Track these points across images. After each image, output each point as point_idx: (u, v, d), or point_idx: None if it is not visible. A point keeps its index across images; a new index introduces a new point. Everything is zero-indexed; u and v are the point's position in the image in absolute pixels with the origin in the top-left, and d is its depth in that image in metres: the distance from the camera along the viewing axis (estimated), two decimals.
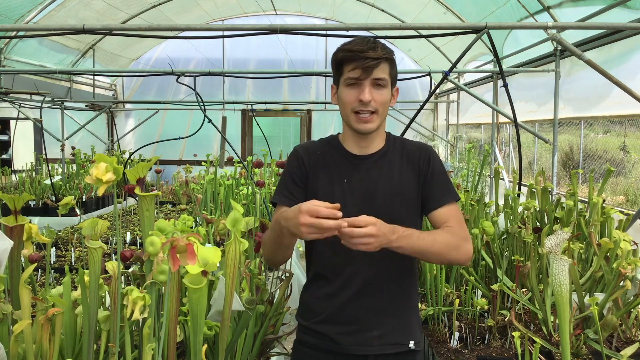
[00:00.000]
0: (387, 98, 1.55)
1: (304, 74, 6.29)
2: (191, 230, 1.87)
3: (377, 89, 1.52)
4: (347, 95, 1.54)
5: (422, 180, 1.60)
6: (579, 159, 6.74)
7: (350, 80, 1.52)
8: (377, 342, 1.56)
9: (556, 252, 1.39)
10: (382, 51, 1.51)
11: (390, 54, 1.54)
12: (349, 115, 1.55)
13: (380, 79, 1.51)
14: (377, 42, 1.53)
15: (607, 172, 2.92)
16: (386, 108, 1.57)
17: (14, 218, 1.57)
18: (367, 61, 1.48)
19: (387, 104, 1.56)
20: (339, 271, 1.57)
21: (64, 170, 7.25)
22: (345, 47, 1.53)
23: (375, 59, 1.49)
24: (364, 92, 1.50)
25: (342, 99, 1.56)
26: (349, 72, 1.51)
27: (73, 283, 1.62)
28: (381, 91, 1.53)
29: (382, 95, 1.53)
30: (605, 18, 4.19)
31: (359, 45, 1.50)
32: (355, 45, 1.51)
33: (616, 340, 2.05)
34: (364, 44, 1.50)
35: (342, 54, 1.53)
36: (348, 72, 1.52)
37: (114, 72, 9.92)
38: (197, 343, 1.38)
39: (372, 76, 1.50)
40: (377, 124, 1.55)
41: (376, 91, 1.52)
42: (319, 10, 10.07)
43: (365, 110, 1.52)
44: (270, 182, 5.17)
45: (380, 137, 1.64)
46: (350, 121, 1.56)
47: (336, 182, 1.58)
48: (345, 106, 1.55)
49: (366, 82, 1.50)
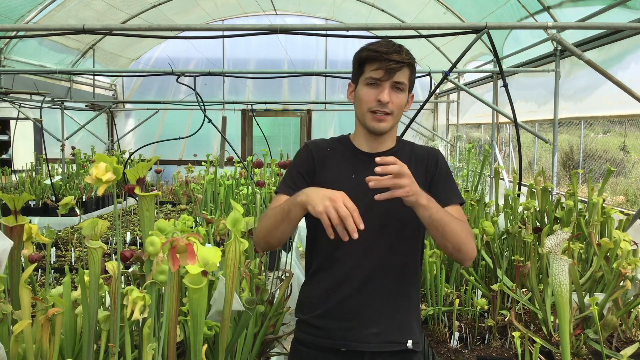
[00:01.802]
0: (404, 102, 1.58)
1: (304, 74, 6.29)
2: (191, 230, 1.87)
3: (395, 92, 1.54)
4: (366, 94, 1.56)
5: (430, 182, 1.62)
6: (579, 159, 6.74)
7: (371, 80, 1.54)
8: (374, 340, 1.56)
9: (556, 252, 1.39)
10: (406, 56, 1.53)
11: (412, 60, 1.57)
12: (365, 114, 1.57)
13: (400, 82, 1.54)
14: (402, 47, 1.56)
15: (607, 172, 2.92)
16: (401, 111, 1.59)
17: (14, 218, 1.57)
18: (391, 63, 1.50)
19: (402, 107, 1.59)
20: (339, 265, 1.58)
21: (64, 170, 7.25)
22: (370, 46, 1.55)
23: (398, 62, 1.51)
24: (383, 92, 1.52)
25: (360, 97, 1.58)
26: (371, 72, 1.54)
27: (73, 283, 1.62)
28: (399, 94, 1.55)
29: (399, 98, 1.56)
30: (605, 18, 4.19)
31: (385, 46, 1.52)
32: (381, 46, 1.53)
33: (616, 340, 2.05)
34: (390, 46, 1.53)
35: (366, 52, 1.55)
36: (370, 71, 1.54)
37: (114, 72, 9.92)
38: (197, 343, 1.38)
39: (393, 79, 1.52)
40: (390, 125, 1.58)
41: (394, 94, 1.54)
42: (319, 10, 10.07)
43: (381, 110, 1.54)
44: (270, 182, 5.17)
45: (391, 139, 1.66)
46: (365, 119, 1.58)
47: (344, 177, 1.60)
48: (363, 105, 1.57)
49: (386, 83, 1.53)
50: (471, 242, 1.53)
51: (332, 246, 1.58)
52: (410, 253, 1.60)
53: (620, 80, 3.23)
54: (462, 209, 1.64)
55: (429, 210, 1.41)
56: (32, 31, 4.28)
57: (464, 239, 1.49)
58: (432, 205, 1.42)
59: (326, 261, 1.60)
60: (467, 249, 1.51)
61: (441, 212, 1.44)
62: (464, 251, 1.51)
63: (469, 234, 1.52)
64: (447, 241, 1.48)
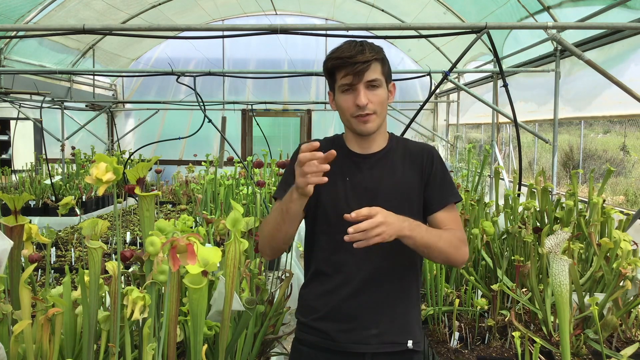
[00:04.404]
0: (384, 97, 1.55)
1: (304, 74, 6.30)
2: (191, 230, 1.87)
3: (371, 90, 1.52)
4: (344, 101, 1.54)
5: (425, 182, 1.61)
6: (579, 159, 6.74)
7: (344, 87, 1.52)
8: (374, 341, 1.56)
9: (556, 252, 1.39)
10: (370, 53, 1.50)
11: (379, 53, 1.53)
12: (350, 120, 1.56)
13: (373, 80, 1.51)
14: (365, 44, 1.53)
15: (607, 172, 2.92)
16: (384, 107, 1.57)
17: (14, 218, 1.57)
18: (357, 66, 1.48)
19: (384, 103, 1.56)
20: (339, 267, 1.57)
21: (64, 170, 7.25)
22: (333, 55, 1.53)
23: (364, 62, 1.49)
24: (359, 96, 1.50)
25: (340, 106, 1.56)
26: (342, 79, 1.52)
27: (73, 283, 1.62)
28: (376, 92, 1.53)
29: (377, 95, 1.53)
30: (605, 18, 4.19)
31: (347, 51, 1.50)
32: (343, 52, 1.51)
33: (616, 340, 2.06)
34: (352, 49, 1.50)
35: (331, 62, 1.53)
36: (341, 79, 1.52)
37: (114, 72, 9.92)
38: (197, 343, 1.38)
39: (364, 79, 1.50)
40: (377, 124, 1.56)
41: (371, 92, 1.52)
42: (319, 10, 10.08)
43: (362, 113, 1.52)
44: (270, 182, 5.17)
45: (382, 137, 1.64)
46: (351, 125, 1.57)
47: (339, 180, 1.59)
48: (345, 112, 1.56)
49: (360, 86, 1.50)
50: (460, 251, 1.54)
51: (331, 249, 1.58)
52: (409, 254, 1.60)
53: (620, 80, 3.23)
54: (456, 208, 1.64)
55: (412, 238, 1.42)
56: (32, 31, 4.28)
57: (452, 253, 1.52)
58: (414, 233, 1.42)
59: (325, 264, 1.60)
60: (456, 260, 1.55)
61: (426, 236, 1.44)
62: (452, 262, 1.56)
63: (458, 245, 1.53)
64: (434, 258, 1.55)
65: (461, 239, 1.55)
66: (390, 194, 1.57)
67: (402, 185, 1.59)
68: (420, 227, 1.44)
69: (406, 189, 1.59)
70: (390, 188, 1.58)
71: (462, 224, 1.62)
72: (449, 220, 1.58)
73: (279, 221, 1.51)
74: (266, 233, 1.58)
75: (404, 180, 1.59)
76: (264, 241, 1.60)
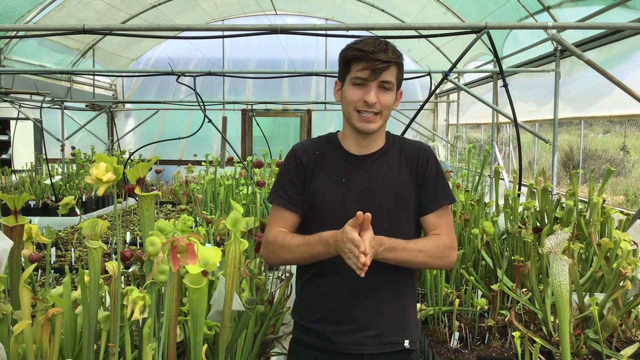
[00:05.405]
0: (392, 101, 1.55)
1: (304, 74, 6.29)
2: (191, 230, 1.87)
3: (383, 91, 1.52)
4: (352, 94, 1.53)
5: (420, 182, 1.60)
6: (579, 159, 6.74)
7: (357, 80, 1.52)
8: (372, 342, 1.56)
9: (556, 252, 1.39)
10: (392, 54, 1.51)
11: (400, 58, 1.54)
12: (352, 113, 1.55)
13: (387, 82, 1.51)
14: (389, 45, 1.53)
15: (607, 172, 2.92)
16: (390, 111, 1.57)
17: (14, 218, 1.57)
18: (377, 63, 1.48)
19: (391, 106, 1.56)
20: (336, 269, 1.57)
21: (64, 170, 7.25)
22: (356, 45, 1.52)
23: (385, 62, 1.48)
24: (370, 93, 1.50)
25: (347, 97, 1.55)
26: (357, 72, 1.51)
27: (73, 283, 1.62)
28: (386, 94, 1.53)
29: (387, 98, 1.53)
30: (605, 18, 4.19)
31: (371, 46, 1.49)
32: (367, 45, 1.50)
33: (616, 340, 2.06)
34: (376, 45, 1.50)
35: (352, 52, 1.52)
36: (356, 71, 1.51)
37: (114, 72, 9.92)
38: (197, 343, 1.38)
39: (380, 78, 1.50)
40: (379, 125, 1.56)
41: (382, 93, 1.52)
42: (319, 10, 10.07)
43: (369, 111, 1.52)
44: (270, 182, 5.17)
45: (381, 137, 1.64)
46: (352, 119, 1.56)
47: (335, 182, 1.58)
48: (349, 104, 1.55)
49: (373, 83, 1.50)
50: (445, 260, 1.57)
51: None
52: None
53: (620, 80, 3.23)
54: (449, 209, 1.65)
55: (387, 259, 1.47)
56: (32, 31, 4.28)
57: (433, 263, 1.58)
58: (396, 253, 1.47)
59: (322, 267, 1.59)
60: (441, 267, 1.63)
61: (401, 256, 1.48)
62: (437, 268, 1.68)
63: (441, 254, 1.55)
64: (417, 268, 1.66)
65: (447, 245, 1.56)
66: (386, 197, 1.57)
67: (398, 188, 1.58)
68: (396, 249, 1.47)
69: (402, 191, 1.59)
70: (386, 191, 1.57)
71: (453, 227, 1.63)
72: (438, 225, 1.59)
73: (305, 259, 1.54)
74: (285, 259, 1.60)
75: (400, 181, 1.59)
76: (278, 262, 1.63)
